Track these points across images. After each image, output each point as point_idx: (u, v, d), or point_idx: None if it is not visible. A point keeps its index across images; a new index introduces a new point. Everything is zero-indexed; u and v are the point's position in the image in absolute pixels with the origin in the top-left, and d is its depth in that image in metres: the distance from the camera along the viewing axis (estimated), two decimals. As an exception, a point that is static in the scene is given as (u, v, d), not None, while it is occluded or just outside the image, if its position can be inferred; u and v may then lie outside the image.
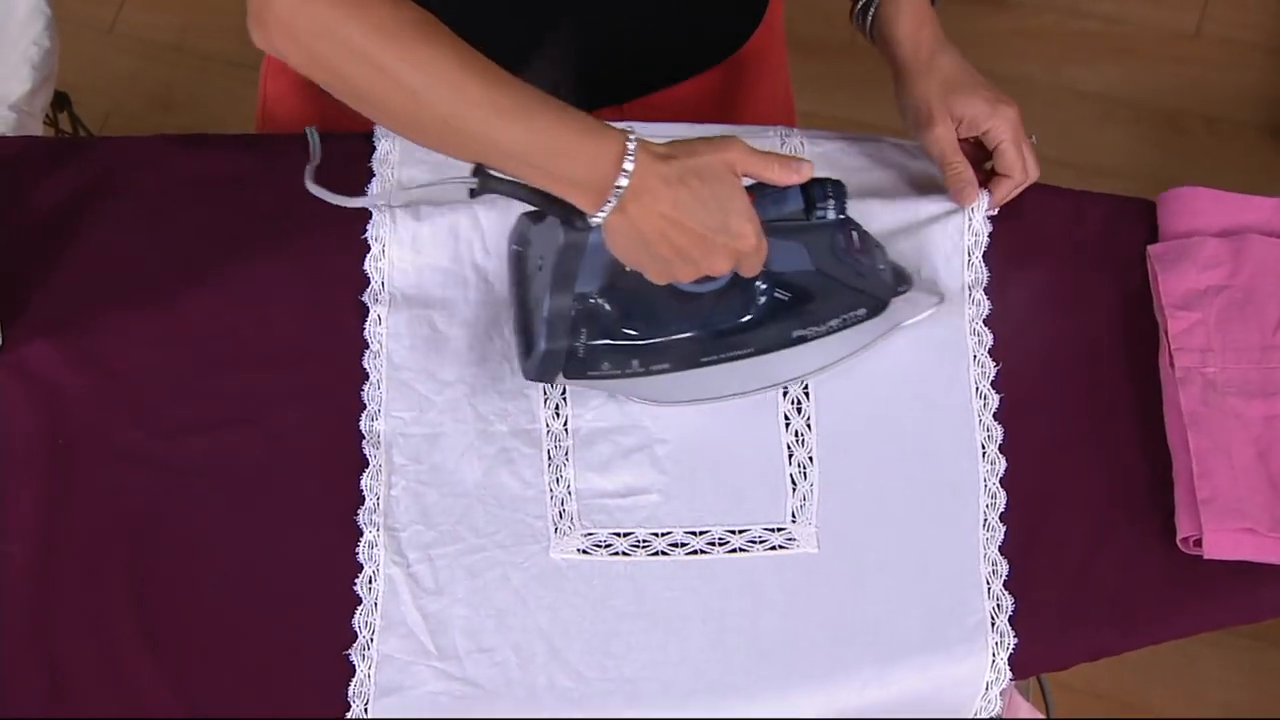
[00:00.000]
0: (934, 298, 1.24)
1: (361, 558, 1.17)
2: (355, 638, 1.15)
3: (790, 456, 1.22)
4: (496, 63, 1.34)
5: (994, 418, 1.23)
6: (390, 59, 1.04)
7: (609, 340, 1.16)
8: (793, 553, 1.18)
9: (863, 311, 1.19)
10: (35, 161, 1.34)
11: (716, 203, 1.05)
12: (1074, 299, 1.29)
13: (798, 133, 1.35)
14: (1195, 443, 1.20)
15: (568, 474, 1.21)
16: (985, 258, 1.29)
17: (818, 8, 2.30)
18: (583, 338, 1.15)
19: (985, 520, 1.19)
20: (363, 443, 1.21)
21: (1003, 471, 1.21)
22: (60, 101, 1.89)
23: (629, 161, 1.03)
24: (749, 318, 1.18)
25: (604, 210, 1.04)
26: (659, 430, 1.22)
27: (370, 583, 1.17)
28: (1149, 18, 2.53)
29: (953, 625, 1.16)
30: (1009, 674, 1.15)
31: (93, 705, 1.13)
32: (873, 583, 1.17)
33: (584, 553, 1.18)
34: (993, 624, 1.16)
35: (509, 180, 1.05)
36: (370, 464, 1.20)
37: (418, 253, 1.27)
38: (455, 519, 1.19)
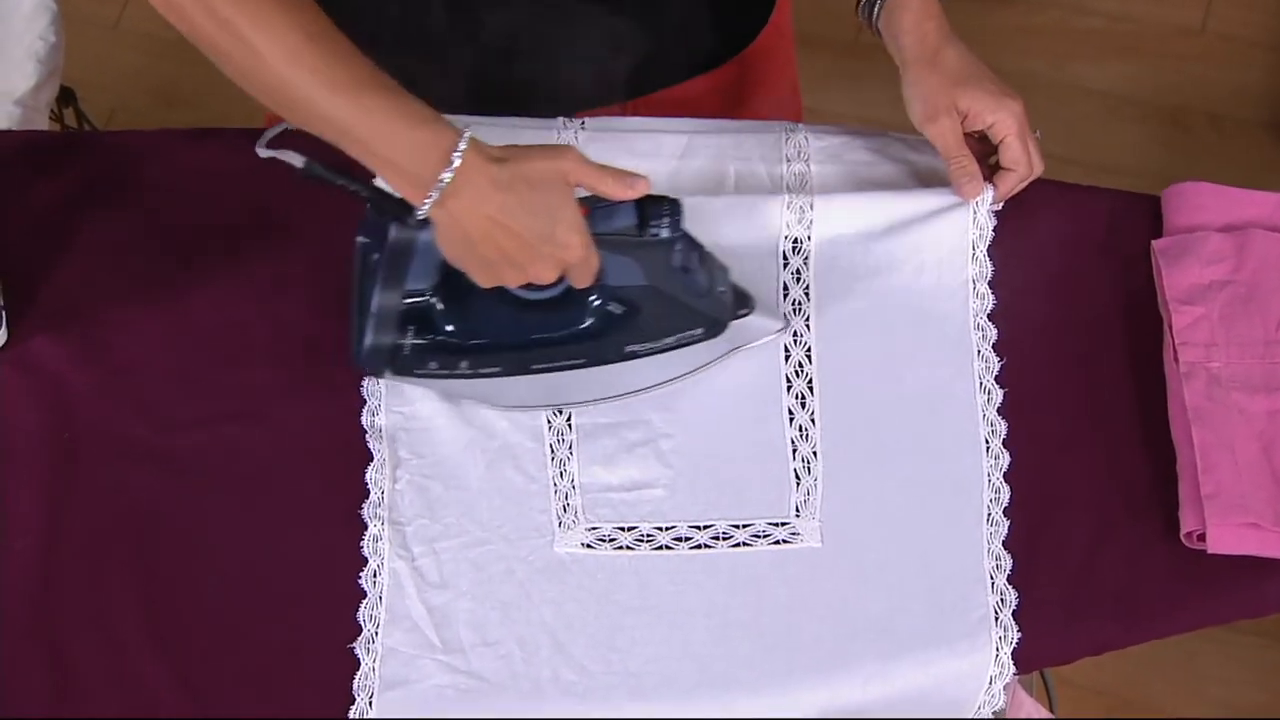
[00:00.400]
0: (777, 323, 1.23)
1: (366, 551, 1.18)
2: (359, 631, 1.15)
3: (794, 451, 1.22)
4: (499, 58, 1.34)
5: (998, 412, 1.23)
6: (236, 13, 1.03)
7: (438, 339, 1.15)
8: (796, 547, 1.19)
9: (699, 331, 1.18)
10: (40, 156, 1.34)
11: (545, 210, 1.05)
12: (1078, 293, 1.29)
13: (802, 128, 1.35)
14: (1199, 437, 1.20)
15: (571, 468, 1.21)
16: (989, 252, 1.29)
17: (823, 4, 2.30)
18: (410, 335, 1.14)
19: (989, 515, 1.20)
20: (365, 437, 1.21)
21: (1006, 466, 1.21)
22: (65, 97, 1.89)
23: (456, 157, 1.02)
24: (581, 328, 1.16)
25: (426, 203, 1.04)
26: (663, 425, 1.22)
27: (375, 576, 1.17)
28: (1153, 15, 2.53)
29: (956, 620, 1.16)
30: (1012, 669, 1.15)
31: (96, 701, 1.13)
32: (876, 577, 1.17)
33: (588, 547, 1.18)
34: (996, 619, 1.16)
35: (334, 171, 1.05)
36: (374, 458, 1.20)
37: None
38: (459, 512, 1.19)
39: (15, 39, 1.67)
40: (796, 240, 1.28)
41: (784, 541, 1.19)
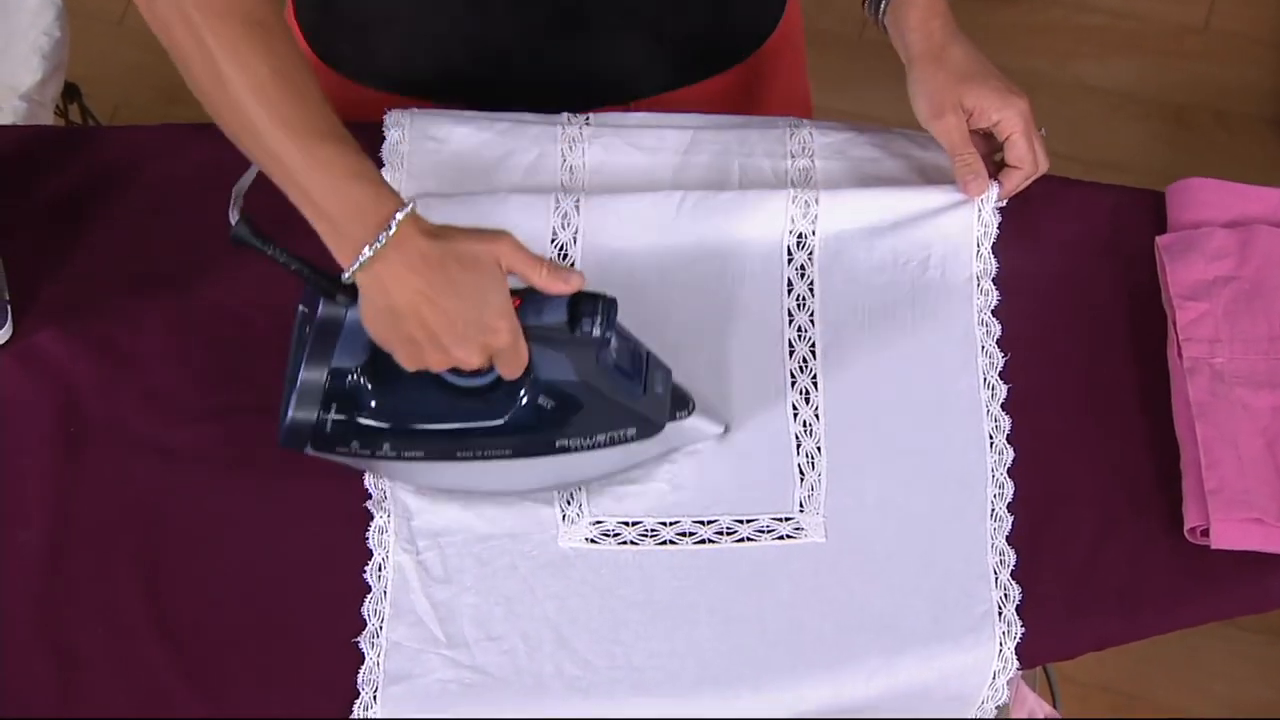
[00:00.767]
0: (717, 427, 1.20)
1: (371, 545, 1.18)
2: (364, 626, 1.15)
3: (799, 447, 1.22)
4: (506, 59, 1.34)
5: (1001, 408, 1.23)
6: (212, 34, 1.03)
7: (362, 420, 1.11)
8: (800, 543, 1.19)
9: (632, 431, 1.14)
10: (46, 150, 1.34)
11: (474, 292, 1.02)
12: (1082, 290, 1.29)
13: (807, 124, 1.35)
14: (1203, 433, 1.20)
15: (576, 463, 1.21)
16: (994, 248, 1.29)
17: (829, 2, 2.30)
18: (332, 412, 1.11)
19: (993, 510, 1.20)
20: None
21: (1010, 462, 1.21)
22: (70, 93, 1.90)
23: (393, 223, 1.01)
24: (508, 419, 1.13)
25: (355, 265, 1.01)
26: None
27: (379, 570, 1.17)
28: (1156, 12, 2.53)
29: (960, 615, 1.16)
30: (1016, 664, 1.15)
31: (101, 693, 1.13)
32: (880, 572, 1.17)
33: (592, 541, 1.18)
34: (1000, 614, 1.16)
35: (263, 239, 1.03)
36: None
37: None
38: (463, 507, 1.19)
39: (20, 34, 1.68)
40: (801, 235, 1.28)
41: (788, 537, 1.19)
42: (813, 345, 1.26)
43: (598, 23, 1.34)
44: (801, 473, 1.21)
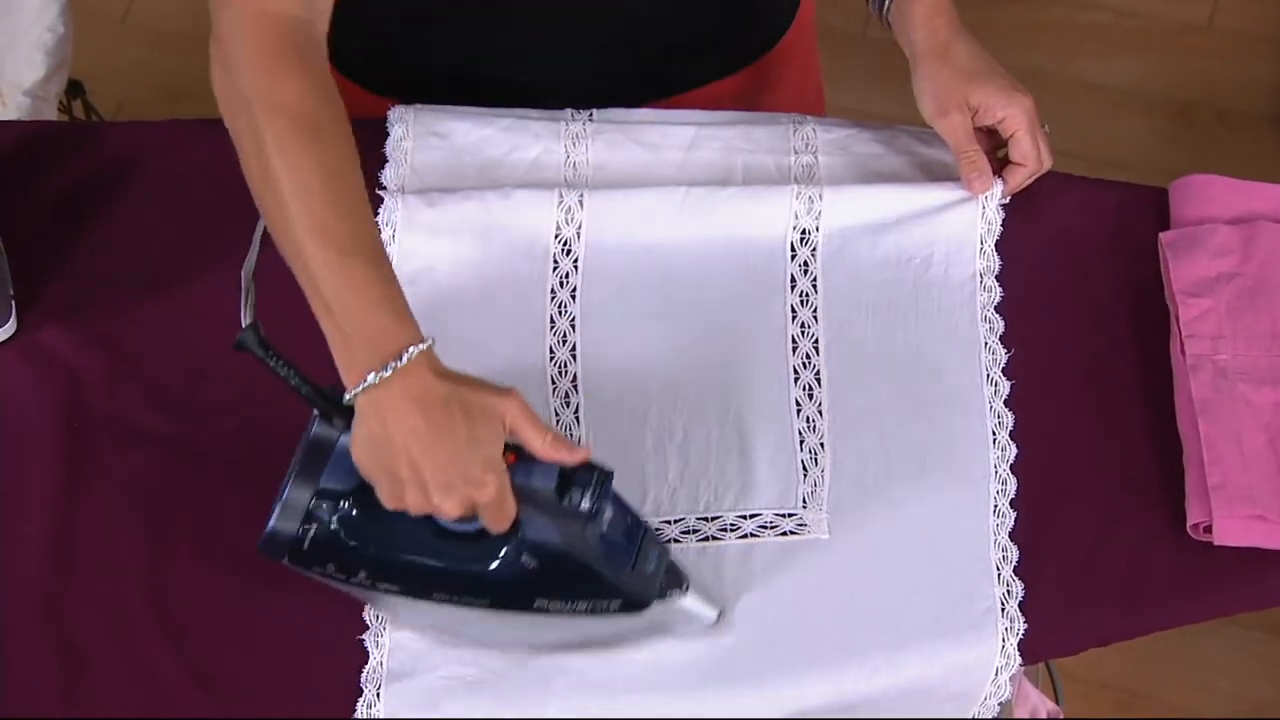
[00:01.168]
0: (711, 613, 1.14)
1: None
2: (367, 624, 1.15)
3: (802, 443, 1.22)
4: (513, 62, 1.34)
5: (1004, 404, 1.23)
6: (267, 129, 1.03)
7: (342, 544, 1.08)
8: (803, 539, 1.19)
9: (616, 604, 1.09)
10: (50, 146, 1.35)
11: (470, 441, 0.99)
12: (1085, 286, 1.29)
13: (810, 120, 1.35)
14: (1206, 429, 1.20)
15: (579, 462, 1.21)
16: (997, 245, 1.29)
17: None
18: (314, 531, 1.08)
19: (995, 506, 1.20)
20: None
21: (1013, 458, 1.21)
22: (74, 89, 1.90)
23: (406, 355, 0.99)
24: (490, 570, 1.08)
25: (360, 387, 0.99)
26: (670, 416, 1.22)
27: (383, 567, 1.17)
28: (1160, 10, 2.53)
29: (963, 611, 1.16)
30: (1018, 659, 1.15)
31: (105, 688, 1.14)
32: (883, 569, 1.17)
33: (595, 540, 1.18)
34: (1002, 610, 1.16)
35: (268, 352, 1.01)
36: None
37: (429, 239, 1.27)
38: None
39: (24, 31, 1.68)
40: (804, 232, 1.29)
41: (791, 533, 1.19)
42: (816, 341, 1.26)
43: (609, 28, 1.34)
44: (804, 469, 1.21)
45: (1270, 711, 2.02)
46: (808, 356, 1.25)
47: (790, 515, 1.19)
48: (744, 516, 1.19)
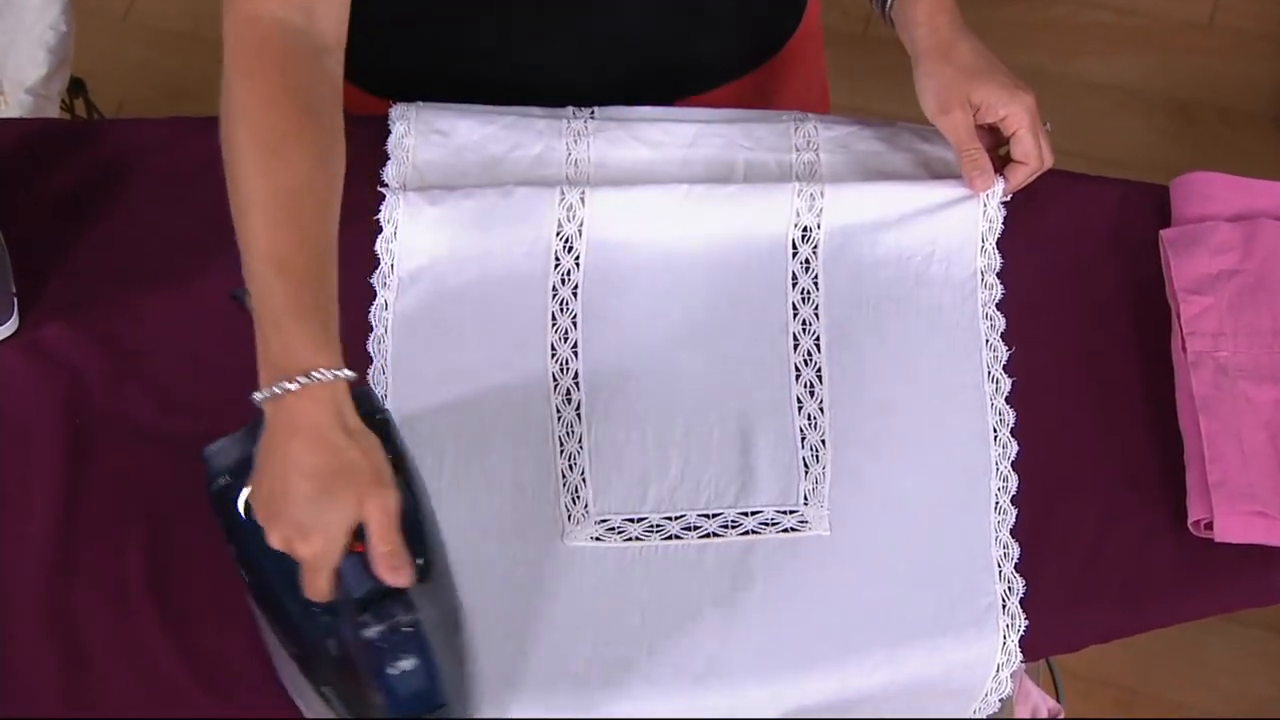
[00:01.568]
0: None
1: (375, 540, 1.18)
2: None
3: (803, 440, 1.22)
4: (521, 65, 1.34)
5: (1006, 401, 1.23)
6: (229, 145, 1.05)
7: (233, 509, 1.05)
8: (805, 535, 1.19)
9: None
10: (51, 143, 1.35)
11: (322, 493, 0.97)
12: (1086, 283, 1.29)
13: (811, 118, 1.35)
14: (1206, 426, 1.20)
15: (581, 461, 1.21)
16: (998, 243, 1.29)
17: (833, -1, 2.30)
18: (225, 483, 1.05)
19: (997, 503, 1.20)
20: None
21: (1014, 455, 1.21)
22: (75, 87, 1.90)
23: (316, 377, 0.98)
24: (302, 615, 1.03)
25: (265, 393, 0.99)
26: (671, 413, 1.22)
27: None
28: (1161, 9, 2.53)
29: (964, 608, 1.16)
30: (1020, 656, 1.15)
31: (107, 686, 1.13)
32: (884, 566, 1.18)
33: (597, 539, 1.18)
34: (1004, 606, 1.16)
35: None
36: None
37: (430, 236, 1.27)
38: (468, 505, 1.19)
39: (26, 29, 1.68)
40: (806, 229, 1.29)
41: (792, 530, 1.19)
42: (817, 339, 1.26)
43: (611, 31, 1.34)
44: (806, 466, 1.21)
45: (1271, 710, 2.02)
46: (809, 354, 1.25)
47: (791, 512, 1.19)
48: (745, 513, 1.19)
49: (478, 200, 1.27)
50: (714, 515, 1.19)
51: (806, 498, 1.20)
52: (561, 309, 1.26)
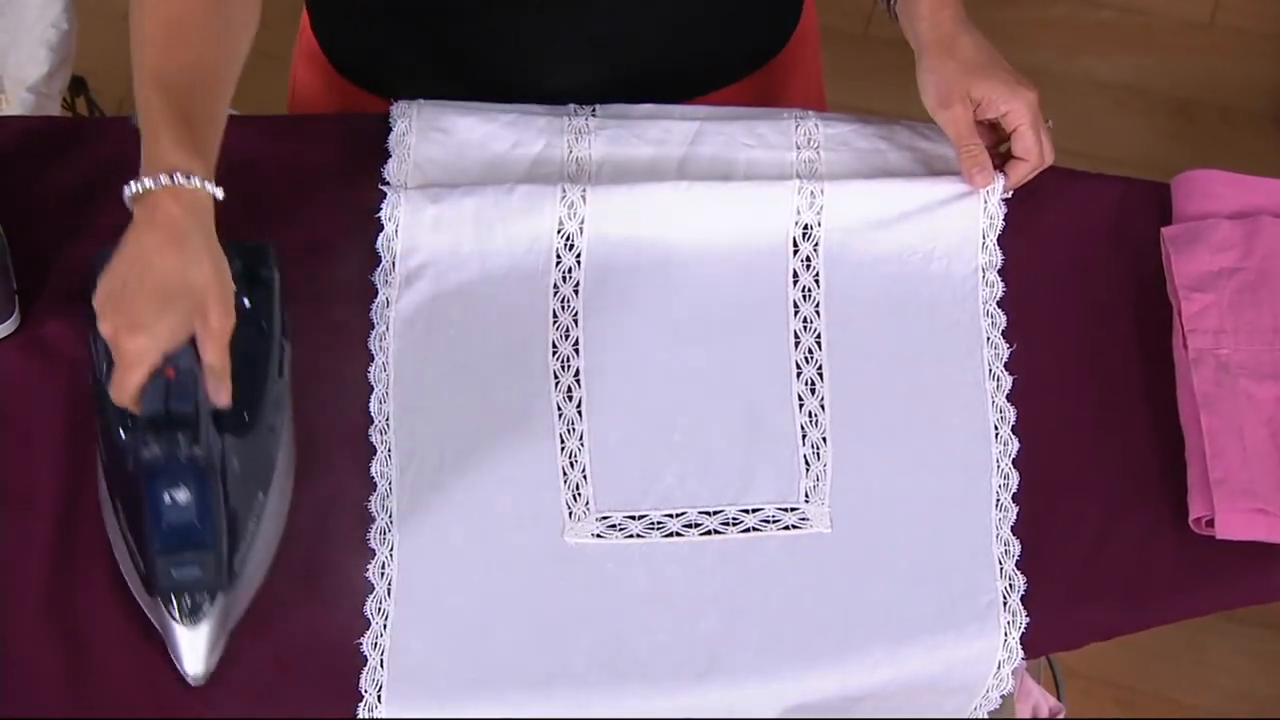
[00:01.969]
0: (195, 669, 1.09)
1: (373, 544, 1.17)
2: (368, 625, 1.15)
3: (804, 437, 1.22)
4: (522, 63, 1.35)
5: (1007, 399, 1.23)
6: None
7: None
8: (806, 533, 1.19)
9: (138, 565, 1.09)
10: (53, 141, 1.34)
11: (164, 299, 1.02)
12: (1087, 281, 1.29)
13: (812, 115, 1.35)
14: (1208, 423, 1.20)
15: (582, 458, 1.21)
16: (999, 240, 1.29)
17: (833, -3, 2.30)
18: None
19: (998, 501, 1.20)
20: (370, 428, 1.21)
21: (1015, 452, 1.21)
22: (77, 86, 1.90)
23: (179, 180, 1.04)
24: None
25: (132, 188, 1.05)
26: (673, 412, 1.23)
27: (383, 569, 1.17)
28: (1163, 8, 2.53)
29: (965, 605, 1.16)
30: (1021, 653, 1.15)
31: (108, 685, 1.13)
32: (885, 563, 1.18)
33: (598, 537, 1.18)
34: (1005, 604, 1.16)
35: None
36: (378, 451, 1.20)
37: (431, 234, 1.27)
38: (469, 503, 1.19)
39: (28, 27, 1.68)
40: (806, 227, 1.29)
41: (793, 527, 1.19)
42: (818, 336, 1.26)
43: (612, 34, 1.34)
44: (807, 463, 1.21)
45: (1272, 709, 2.02)
46: (810, 351, 1.25)
47: (792, 510, 1.19)
48: (746, 511, 1.19)
49: (479, 198, 1.27)
50: (715, 512, 1.19)
51: (807, 495, 1.20)
52: (563, 306, 1.26)
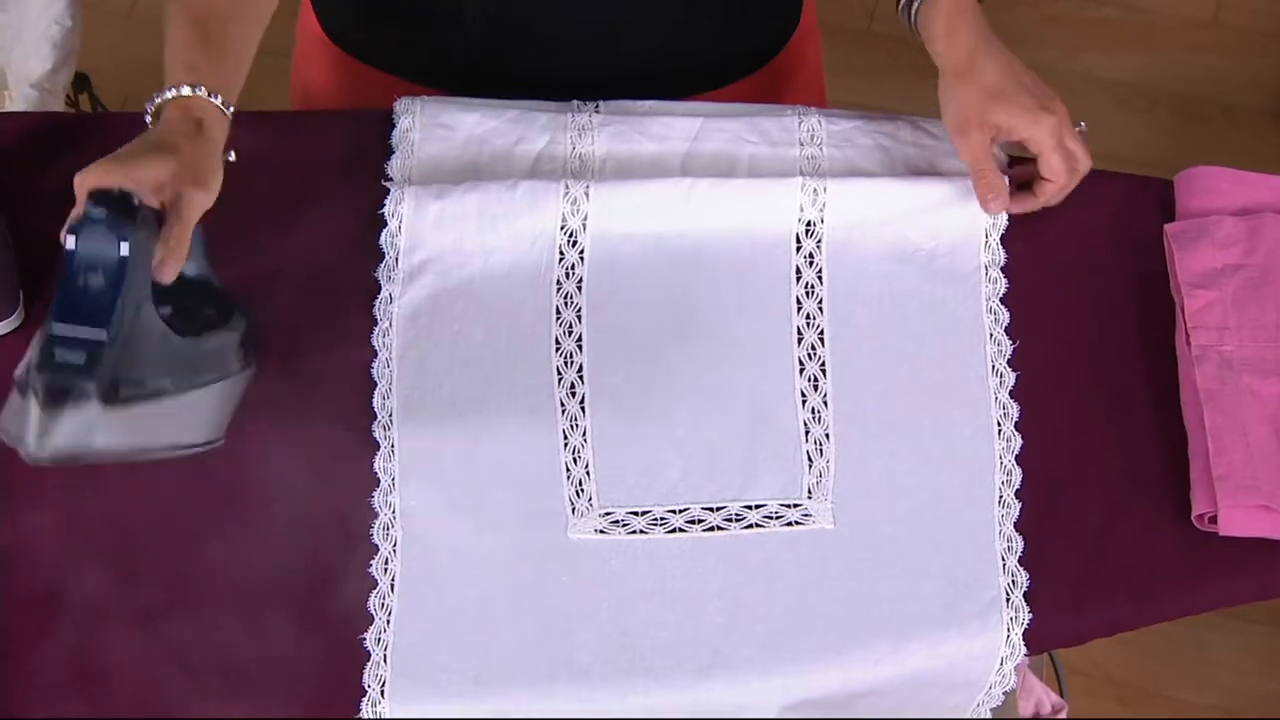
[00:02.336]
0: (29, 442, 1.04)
1: (376, 540, 1.18)
2: (372, 620, 1.15)
3: (807, 433, 1.22)
4: (524, 60, 1.36)
5: (1010, 395, 1.23)
6: None
7: None
8: (809, 529, 1.19)
9: None
10: (56, 137, 1.35)
11: (152, 148, 1.13)
12: (1091, 277, 1.29)
13: (815, 112, 1.35)
14: (1211, 420, 1.20)
15: (585, 454, 1.21)
16: (1002, 237, 1.29)
17: (835, -6, 2.31)
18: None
19: (1000, 497, 1.20)
20: (373, 424, 1.21)
21: (1018, 449, 1.21)
22: (80, 82, 1.90)
23: (173, 92, 1.18)
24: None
25: (153, 102, 1.19)
26: (676, 408, 1.23)
27: (386, 564, 1.17)
28: (1166, 5, 2.53)
29: (968, 601, 1.16)
30: (1023, 649, 1.15)
31: (109, 684, 1.13)
32: (888, 559, 1.18)
33: (601, 533, 1.18)
34: (1008, 600, 1.16)
35: None
36: (381, 447, 1.21)
37: (435, 230, 1.27)
38: (472, 499, 1.19)
39: (32, 23, 1.68)
40: (810, 223, 1.29)
41: (796, 523, 1.19)
42: (821, 333, 1.26)
43: (614, 33, 1.34)
44: (810, 459, 1.21)
45: (1274, 706, 2.02)
46: (813, 348, 1.25)
47: (795, 505, 1.20)
48: (749, 507, 1.20)
49: (482, 194, 1.27)
50: (718, 508, 1.20)
51: (810, 491, 1.20)
52: (566, 303, 1.27)
